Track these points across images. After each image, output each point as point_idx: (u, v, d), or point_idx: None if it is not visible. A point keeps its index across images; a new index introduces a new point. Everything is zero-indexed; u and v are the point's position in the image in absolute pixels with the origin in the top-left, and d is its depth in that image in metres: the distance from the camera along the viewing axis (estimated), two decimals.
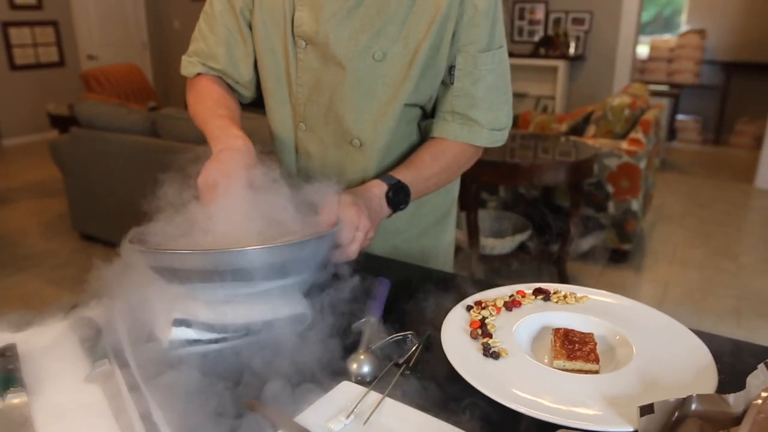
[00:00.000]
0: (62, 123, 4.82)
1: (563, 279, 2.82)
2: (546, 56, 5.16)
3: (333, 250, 0.80)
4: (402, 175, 0.93)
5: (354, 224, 0.80)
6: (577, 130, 3.55)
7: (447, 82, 0.97)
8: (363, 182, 1.02)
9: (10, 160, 5.81)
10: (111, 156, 3.10)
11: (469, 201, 2.63)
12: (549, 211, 3.06)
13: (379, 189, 0.91)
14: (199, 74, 1.04)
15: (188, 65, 1.05)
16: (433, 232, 1.16)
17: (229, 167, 0.78)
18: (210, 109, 0.96)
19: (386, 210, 0.91)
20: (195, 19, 1.06)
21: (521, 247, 2.89)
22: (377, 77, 0.94)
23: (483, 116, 0.97)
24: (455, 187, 1.17)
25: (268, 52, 0.99)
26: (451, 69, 0.95)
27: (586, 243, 3.01)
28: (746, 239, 3.69)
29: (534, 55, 5.25)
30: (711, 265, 3.27)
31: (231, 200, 0.75)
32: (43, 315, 0.79)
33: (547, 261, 2.91)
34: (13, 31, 6.18)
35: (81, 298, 0.81)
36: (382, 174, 0.94)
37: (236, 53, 1.01)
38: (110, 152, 3.10)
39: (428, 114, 1.04)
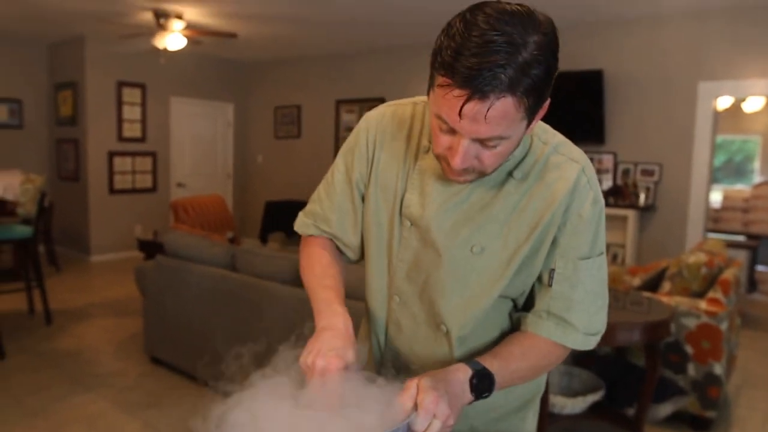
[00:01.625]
0: (147, 247, 5.16)
1: None
2: (615, 205, 5.18)
3: None
4: (488, 363, 0.91)
5: (431, 411, 0.78)
6: (651, 285, 3.46)
7: (545, 282, 0.97)
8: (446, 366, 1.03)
9: (95, 275, 6.20)
10: (190, 285, 3.26)
11: None
12: (624, 370, 2.91)
13: (463, 374, 0.88)
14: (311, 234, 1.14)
15: (303, 225, 1.15)
16: (514, 419, 1.11)
17: (324, 351, 0.86)
18: (317, 278, 1.05)
19: (468, 396, 0.88)
20: (278, 154, 1.18)
21: (594, 408, 2.73)
22: (472, 269, 0.97)
23: (579, 320, 0.96)
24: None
25: (375, 223, 1.06)
26: (551, 272, 0.96)
27: (665, 409, 2.80)
28: None
29: None
30: None
31: (320, 387, 0.79)
32: None
33: (622, 425, 2.72)
34: (117, 160, 6.89)
35: None
36: (468, 358, 0.93)
37: (347, 221, 1.10)
38: (190, 282, 3.27)
39: (519, 306, 1.04)
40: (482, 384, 0.89)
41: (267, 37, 6.46)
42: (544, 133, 0.98)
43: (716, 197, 6.86)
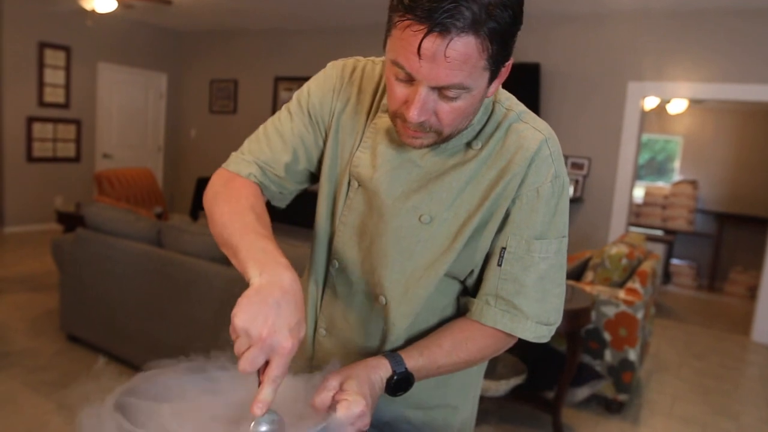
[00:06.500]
0: (67, 220, 4.87)
1: (557, 428, 2.72)
2: None
3: None
4: (414, 360, 0.86)
5: (357, 424, 0.75)
6: (575, 274, 3.59)
7: (495, 263, 0.89)
8: (381, 342, 0.96)
9: (8, 248, 5.82)
10: (112, 261, 3.11)
11: None
12: (545, 355, 3.01)
13: (385, 373, 0.84)
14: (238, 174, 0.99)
15: (240, 162, 1.00)
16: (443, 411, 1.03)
17: (278, 326, 0.68)
18: (250, 225, 0.84)
19: (382, 392, 0.84)
20: (211, 129, 1.08)
21: (515, 391, 2.81)
22: (418, 240, 0.89)
23: (530, 307, 0.88)
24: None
25: (327, 179, 0.98)
26: (501, 251, 0.88)
27: (582, 392, 2.93)
28: (746, 397, 3.60)
29: None
30: (711, 424, 3.17)
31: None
32: None
33: (541, 407, 2.82)
34: (36, 126, 6.46)
35: None
36: (394, 354, 0.87)
37: (299, 166, 0.99)
38: (112, 257, 3.11)
39: (469, 290, 0.95)
40: (399, 386, 0.85)
41: (204, 6, 6.20)
42: (508, 100, 0.92)
43: (639, 193, 7.22)
